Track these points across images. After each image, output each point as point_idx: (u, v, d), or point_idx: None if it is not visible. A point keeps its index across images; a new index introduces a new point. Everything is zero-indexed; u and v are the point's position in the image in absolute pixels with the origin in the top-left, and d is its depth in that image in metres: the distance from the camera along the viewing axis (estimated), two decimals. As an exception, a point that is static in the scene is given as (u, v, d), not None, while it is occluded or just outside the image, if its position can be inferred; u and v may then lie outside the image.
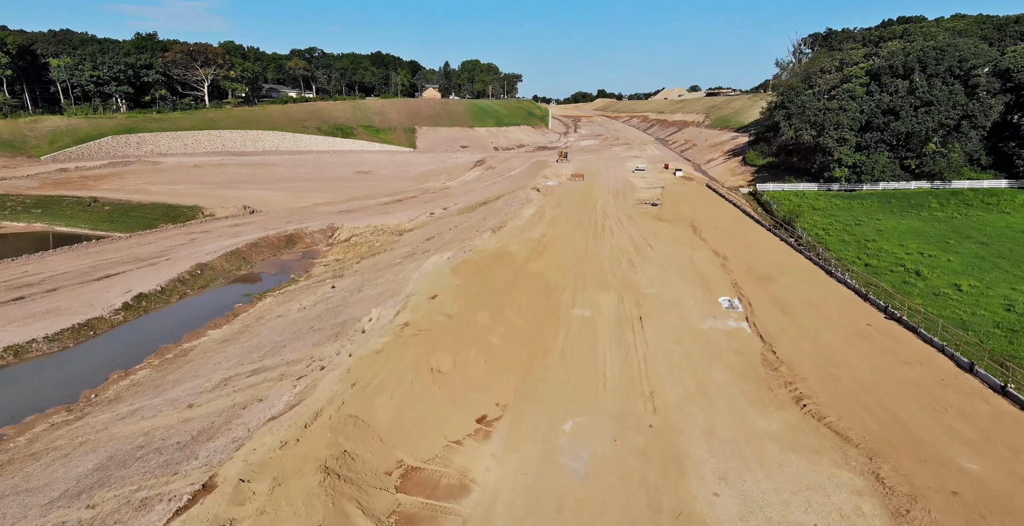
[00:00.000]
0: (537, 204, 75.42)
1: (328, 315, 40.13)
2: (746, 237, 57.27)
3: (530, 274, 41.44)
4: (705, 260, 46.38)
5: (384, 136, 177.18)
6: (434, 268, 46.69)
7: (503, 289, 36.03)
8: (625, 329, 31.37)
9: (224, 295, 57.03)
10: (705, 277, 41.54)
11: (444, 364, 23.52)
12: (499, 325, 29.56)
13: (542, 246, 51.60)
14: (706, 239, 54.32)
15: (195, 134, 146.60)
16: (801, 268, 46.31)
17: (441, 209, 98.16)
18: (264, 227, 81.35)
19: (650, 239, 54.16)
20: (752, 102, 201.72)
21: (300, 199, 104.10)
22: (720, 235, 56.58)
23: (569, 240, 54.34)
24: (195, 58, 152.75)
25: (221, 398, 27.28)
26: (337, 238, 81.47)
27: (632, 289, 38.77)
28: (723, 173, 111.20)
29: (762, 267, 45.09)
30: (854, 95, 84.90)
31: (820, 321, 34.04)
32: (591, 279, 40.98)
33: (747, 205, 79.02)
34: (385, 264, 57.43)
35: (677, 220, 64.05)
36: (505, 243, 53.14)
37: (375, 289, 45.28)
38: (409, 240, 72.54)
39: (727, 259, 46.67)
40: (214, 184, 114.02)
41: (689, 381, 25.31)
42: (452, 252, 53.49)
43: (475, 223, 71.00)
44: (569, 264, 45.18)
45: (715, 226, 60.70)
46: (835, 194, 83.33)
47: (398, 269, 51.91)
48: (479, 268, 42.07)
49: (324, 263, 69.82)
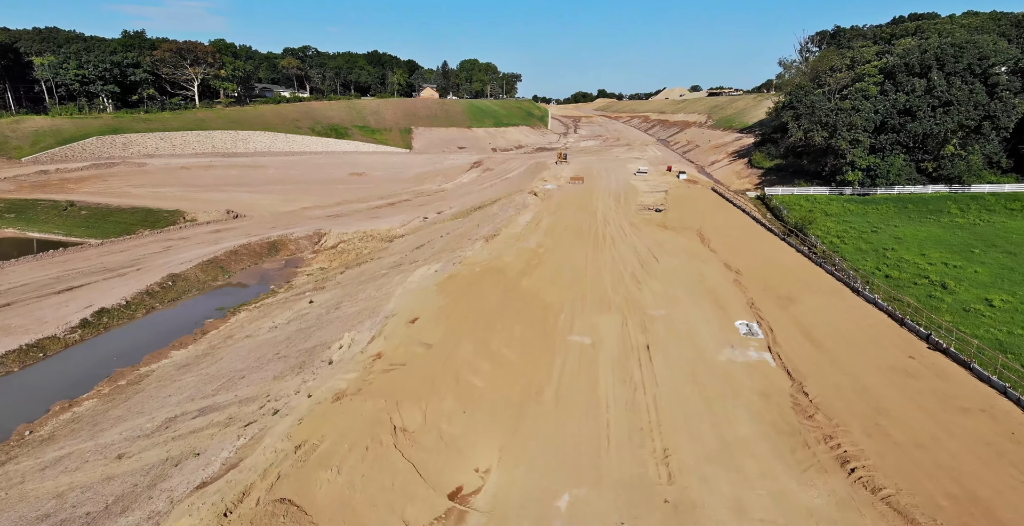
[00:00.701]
0: (534, 210, 71.32)
1: (298, 338, 36.04)
2: (759, 247, 53.12)
3: (523, 292, 37.37)
4: (716, 275, 42.26)
5: (379, 137, 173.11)
6: (419, 284, 42.61)
7: (492, 311, 31.98)
8: (631, 361, 27.22)
9: (196, 309, 52.92)
10: (718, 295, 37.41)
11: (412, 419, 19.33)
12: (484, 360, 25.52)
13: (538, 258, 47.50)
14: (716, 250, 50.18)
15: (184, 135, 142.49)
16: (823, 285, 41.99)
17: (435, 213, 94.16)
18: (247, 233, 77.28)
19: (655, 250, 50.06)
20: (756, 102, 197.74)
21: (288, 203, 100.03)
22: (730, 245, 52.44)
23: (567, 251, 50.24)
24: (184, 57, 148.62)
25: (156, 448, 23.20)
26: (323, 245, 77.40)
27: (637, 310, 34.66)
28: (728, 175, 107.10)
29: (780, 283, 40.90)
30: (867, 95, 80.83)
31: (854, 353, 29.72)
32: (591, 297, 36.92)
33: (756, 210, 74.92)
34: (369, 276, 53.35)
35: (683, 228, 59.92)
36: (498, 254, 49.03)
37: (354, 306, 41.19)
38: (398, 248, 68.47)
39: (740, 273, 42.54)
40: (201, 187, 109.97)
41: (709, 435, 21.04)
42: (441, 264, 49.42)
43: (468, 230, 66.91)
44: (567, 279, 41.10)
45: (724, 235, 56.55)
46: (848, 199, 79.22)
47: (382, 282, 47.85)
48: (467, 285, 38.00)
49: (307, 272, 65.74)
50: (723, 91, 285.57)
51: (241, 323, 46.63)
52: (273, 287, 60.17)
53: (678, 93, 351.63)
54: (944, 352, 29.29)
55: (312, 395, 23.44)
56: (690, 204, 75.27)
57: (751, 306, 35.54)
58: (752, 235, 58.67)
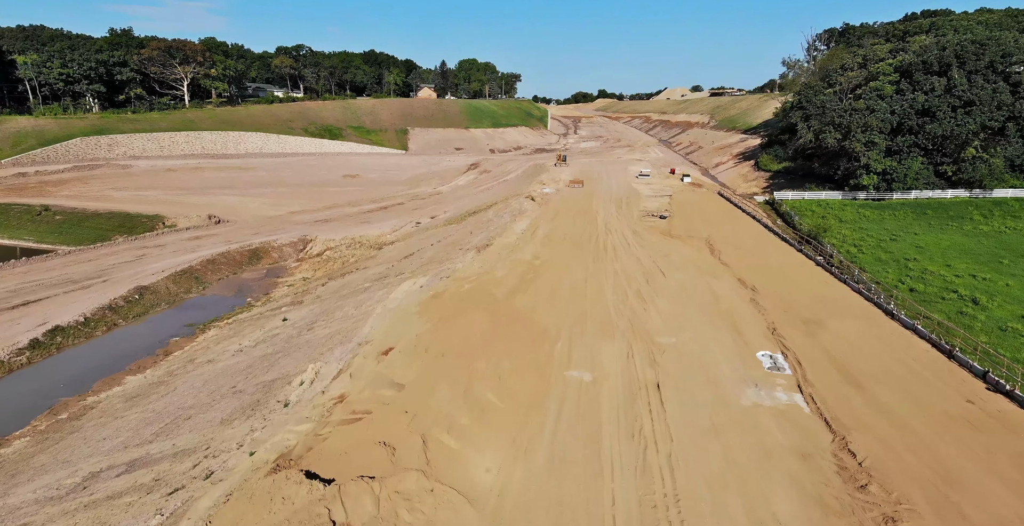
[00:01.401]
0: (531, 216, 67.21)
1: (261, 366, 31.93)
2: (774, 259, 48.85)
3: (515, 313, 33.26)
4: (730, 292, 38.07)
5: (374, 137, 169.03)
6: (401, 302, 38.51)
7: (478, 341, 27.87)
8: (639, 406, 22.83)
9: (163, 325, 48.81)
10: (734, 318, 33.20)
11: (360, 510, 15.05)
12: (463, 409, 21.38)
13: (533, 271, 43.38)
14: (727, 263, 46.00)
15: (172, 135, 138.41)
16: (851, 306, 37.47)
17: (428, 218, 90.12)
18: (227, 240, 73.20)
19: (661, 262, 45.92)
20: (760, 102, 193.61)
21: (276, 207, 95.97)
22: (743, 257, 48.21)
23: (566, 263, 46.11)
24: (173, 55, 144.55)
25: (63, 519, 19.07)
26: (308, 252, 73.33)
27: (644, 336, 30.50)
28: (734, 179, 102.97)
29: (801, 303, 36.61)
30: (883, 94, 76.73)
31: (901, 395, 25.28)
32: (592, 320, 32.79)
33: (766, 217, 70.79)
34: (351, 289, 49.24)
35: (690, 237, 55.76)
36: (490, 267, 44.91)
37: (328, 327, 37.07)
38: (387, 256, 64.38)
39: (757, 291, 38.37)
40: (186, 190, 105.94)
41: (740, 514, 16.25)
42: (427, 278, 45.33)
43: (460, 238, 62.83)
44: (565, 297, 36.99)
45: (735, 245, 52.35)
46: (862, 204, 75.05)
47: (363, 298, 43.74)
48: (453, 306, 33.89)
49: (289, 283, 61.66)
50: (725, 91, 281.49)
51: (207, 343, 42.52)
52: (250, 300, 56.09)
53: (679, 93, 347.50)
54: (1008, 395, 24.87)
55: (255, 453, 19.38)
56: (696, 210, 71.15)
57: (773, 332, 31.35)
58: (765, 245, 54.49)
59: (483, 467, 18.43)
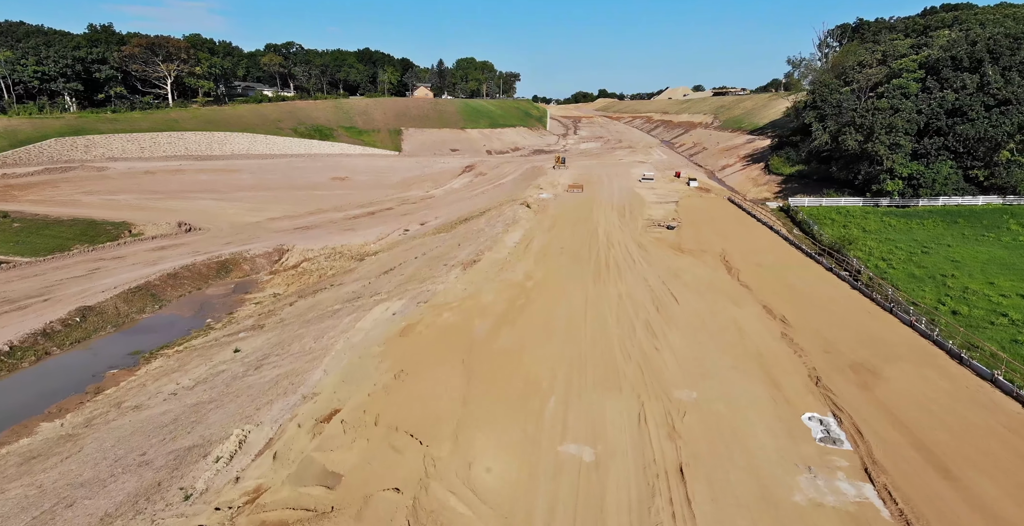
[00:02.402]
0: (525, 226, 61.27)
1: (185, 423, 26.01)
2: (799, 279, 42.76)
3: (499, 356, 27.37)
4: (756, 325, 32.06)
5: (367, 138, 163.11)
6: (366, 335, 32.60)
7: (445, 409, 21.69)
8: (658, 505, 16.67)
9: (103, 354, 42.88)
10: (766, 362, 27.13)
11: None
12: (414, 522, 15.57)
13: (524, 295, 37.44)
14: (747, 284, 40.01)
15: (154, 136, 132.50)
16: (905, 345, 30.54)
17: (418, 225, 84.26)
18: (196, 250, 67.28)
19: (672, 283, 39.98)
20: (765, 102, 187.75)
21: (256, 212, 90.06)
22: (764, 277, 42.21)
23: (562, 285, 40.15)
24: (156, 52, 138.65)
25: None
26: (284, 264, 67.42)
27: (657, 388, 24.43)
28: (743, 182, 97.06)
29: (843, 340, 30.41)
30: (907, 92, 70.74)
31: (1010, 489, 18.47)
32: (593, 364, 26.86)
33: (782, 226, 64.82)
34: (319, 312, 43.32)
35: (702, 251, 49.76)
36: (475, 290, 38.98)
37: (277, 367, 31.13)
38: (366, 270, 58.46)
39: (787, 323, 32.43)
40: (163, 194, 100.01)
41: None
42: (403, 302, 39.42)
43: (447, 251, 56.90)
44: (560, 331, 31.05)
45: (755, 262, 46.31)
46: (886, 211, 69.11)
47: (328, 326, 37.84)
48: (424, 346, 28.00)
49: (256, 300, 55.76)
50: (728, 91, 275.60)
51: (145, 380, 36.57)
52: (210, 321, 50.17)
53: (681, 93, 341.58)
54: None
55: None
56: (706, 219, 65.18)
57: (816, 382, 25.34)
58: (787, 261, 48.43)
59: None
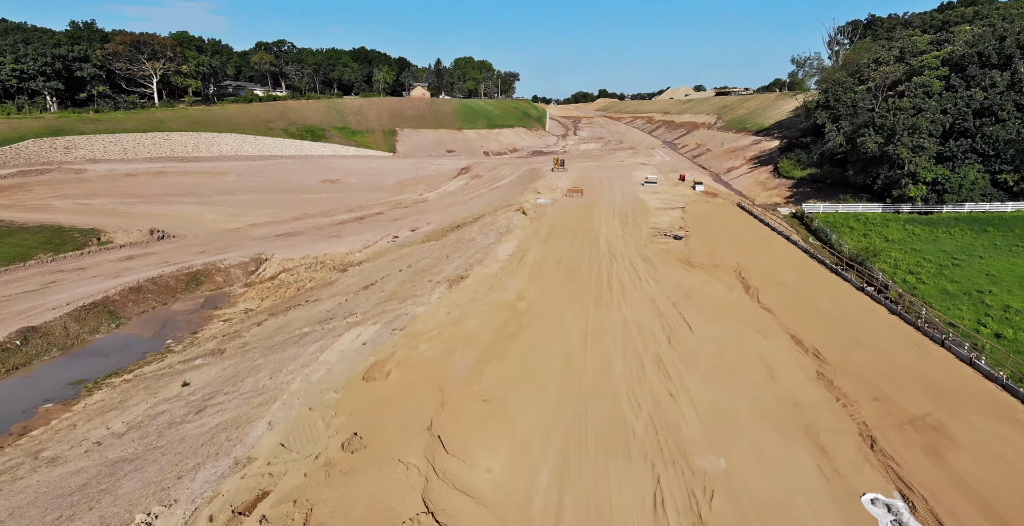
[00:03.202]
0: (520, 235, 56.48)
1: (93, 490, 21.27)
2: (830, 303, 37.51)
3: (480, 411, 22.56)
4: (787, 362, 27.07)
5: (360, 139, 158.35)
6: (331, 370, 27.84)
7: (403, 497, 16.75)
8: None
9: (42, 383, 38.08)
10: (805, 414, 21.95)
11: None
12: None
13: (515, 321, 32.67)
14: (770, 307, 35.18)
15: (138, 137, 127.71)
16: (964, 387, 25.36)
17: (408, 231, 79.54)
18: (166, 260, 62.52)
19: (684, 306, 35.19)
20: (770, 102, 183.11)
21: (237, 217, 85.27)
22: (788, 298, 37.33)
23: (559, 307, 35.37)
24: (141, 50, 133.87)
25: None
26: (261, 275, 62.64)
27: (676, 454, 19.32)
28: (751, 186, 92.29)
29: (895, 384, 24.90)
30: (930, 91, 65.95)
31: None
32: (595, 417, 21.83)
33: (798, 236, 60.03)
34: (285, 336, 38.55)
35: (715, 266, 44.92)
36: (460, 313, 34.20)
37: (220, 413, 26.37)
38: (346, 283, 53.68)
39: (822, 359, 27.58)
40: (141, 198, 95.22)
41: None
42: (379, 327, 34.65)
43: (433, 263, 52.11)
44: (555, 372, 26.19)
45: (775, 279, 41.43)
46: (908, 218, 64.36)
47: (290, 355, 33.08)
48: (388, 397, 23.24)
49: (225, 317, 50.97)
50: (731, 91, 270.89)
51: (77, 420, 31.78)
52: (170, 342, 45.38)
53: (683, 92, 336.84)
54: None
55: None
56: (716, 227, 60.37)
57: (872, 445, 20.27)
58: (811, 278, 43.45)
59: None
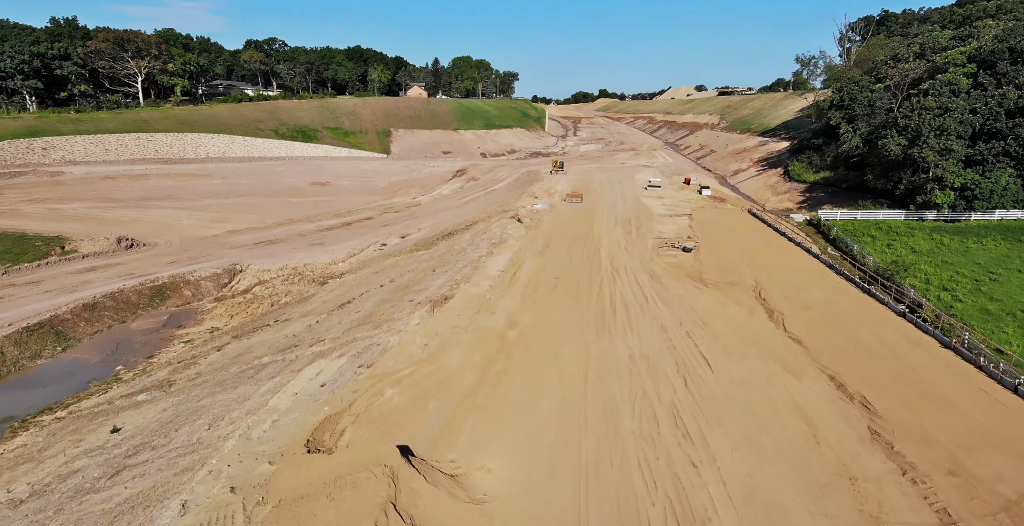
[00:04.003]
0: (514, 246, 51.64)
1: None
2: (868, 331, 31.85)
3: (442, 497, 17.78)
4: (830, 415, 21.79)
5: (353, 140, 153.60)
6: (275, 425, 23.09)
7: None
8: None
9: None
10: (866, 496, 16.53)
11: None
12: None
13: (504, 355, 27.87)
14: (800, 337, 30.25)
15: (121, 137, 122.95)
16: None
17: (398, 238, 74.86)
18: (130, 272, 57.76)
19: (700, 335, 30.39)
20: (775, 102, 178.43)
21: (215, 223, 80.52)
22: (819, 325, 32.27)
23: (555, 337, 30.56)
24: (125, 48, 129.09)
25: None
26: (234, 288, 57.86)
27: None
28: (761, 190, 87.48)
29: (973, 450, 19.21)
30: (957, 89, 61.14)
31: None
32: (598, 503, 17.09)
33: (815, 246, 55.18)
34: (242, 367, 33.74)
35: (730, 284, 40.07)
36: (439, 346, 29.38)
37: (135, 480, 21.59)
38: (321, 300, 48.86)
39: (873, 410, 22.52)
40: (118, 202, 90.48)
41: None
42: (344, 361, 29.84)
43: (418, 278, 47.29)
44: (550, 430, 21.16)
45: (800, 301, 36.51)
46: (934, 226, 59.54)
47: (239, 395, 28.30)
48: (331, 477, 18.40)
49: (188, 337, 46.17)
50: (734, 90, 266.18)
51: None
52: (120, 368, 40.58)
53: (685, 92, 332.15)
54: None
55: None
56: (727, 237, 55.56)
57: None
58: (840, 300, 38.40)
59: None
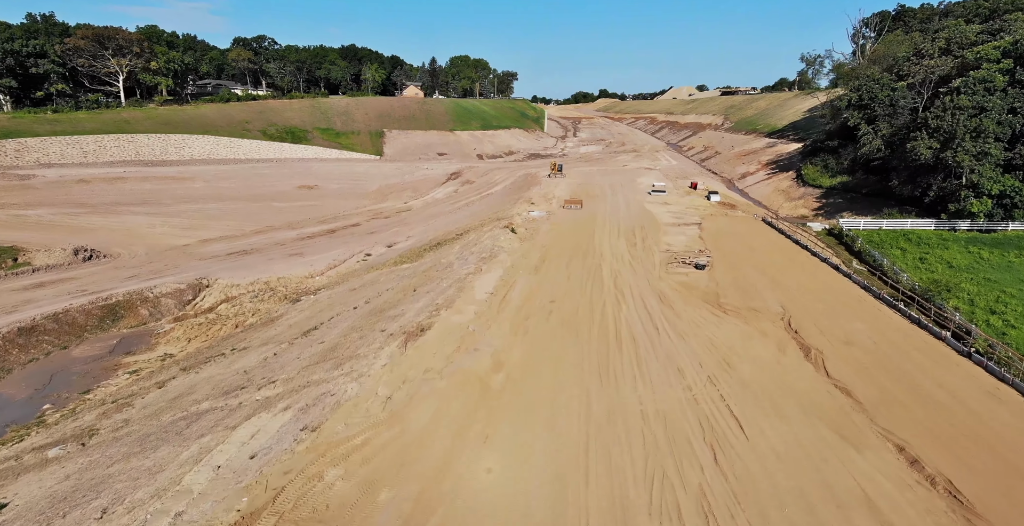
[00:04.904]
0: (505, 262, 46.18)
1: None
2: (931, 378, 26.43)
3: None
4: (909, 508, 16.37)
5: (345, 141, 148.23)
6: (186, 515, 17.63)
7: None
8: None
9: None
10: None
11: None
12: None
13: (484, 414, 22.46)
14: (848, 386, 24.58)
15: (100, 139, 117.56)
16: None
17: (384, 247, 69.50)
18: (82, 288, 52.35)
19: (726, 384, 24.93)
20: (781, 101, 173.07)
21: (189, 231, 75.10)
22: (870, 370, 26.39)
23: (548, 386, 25.11)
24: (104, 45, 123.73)
25: None
26: (198, 306, 52.46)
27: None
28: (772, 195, 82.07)
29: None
30: (992, 87, 55.69)
31: None
32: None
33: (841, 261, 49.70)
34: (174, 415, 28.32)
35: (753, 310, 34.60)
36: (406, 400, 23.96)
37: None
38: (287, 324, 43.42)
39: (966, 502, 17.35)
40: (89, 208, 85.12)
41: None
42: (288, 417, 24.43)
43: (397, 298, 41.85)
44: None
45: (841, 335, 30.93)
46: (969, 237, 54.13)
47: (155, 462, 22.93)
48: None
49: (135, 367, 40.77)
50: (737, 90, 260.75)
51: None
52: (48, 407, 35.21)
53: (687, 92, 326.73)
54: None
55: None
56: (743, 250, 50.11)
57: None
58: (887, 331, 32.56)
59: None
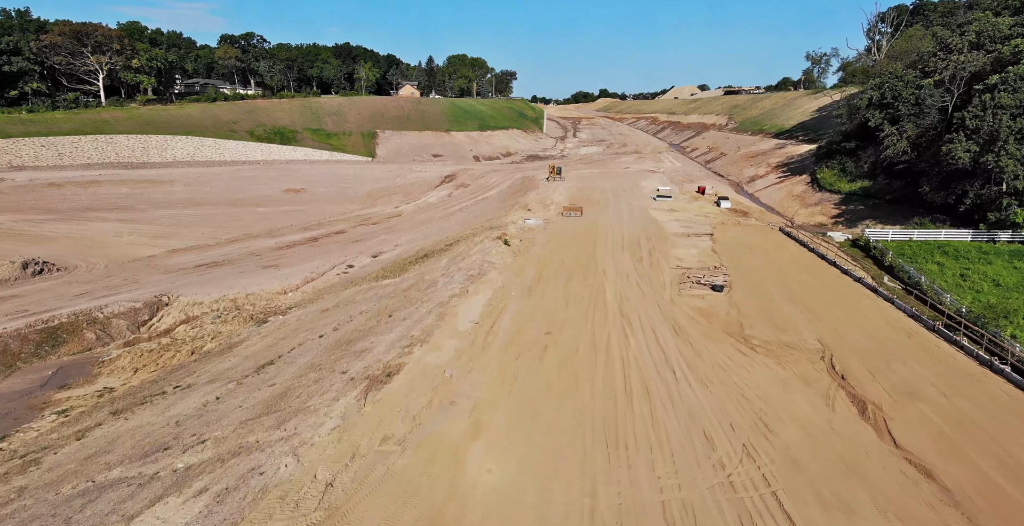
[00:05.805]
0: (496, 281, 40.68)
1: None
2: (1019, 444, 21.55)
3: None
4: None
5: (336, 142, 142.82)
6: None
7: None
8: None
9: None
10: None
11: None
12: None
13: (457, 508, 16.97)
14: (929, 466, 18.80)
15: (76, 140, 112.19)
16: None
17: (369, 257, 64.25)
18: (23, 309, 46.86)
19: (766, 457, 19.43)
20: (787, 101, 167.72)
21: (157, 241, 69.67)
22: (952, 438, 20.11)
23: (543, 460, 19.70)
24: (83, 42, 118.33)
25: None
26: (154, 327, 47.04)
27: None
28: (786, 201, 76.60)
29: None
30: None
31: None
32: None
33: (859, 269, 44.16)
34: (74, 487, 22.95)
35: (786, 346, 29.09)
36: (351, 487, 18.54)
37: None
38: (244, 354, 37.96)
39: None
40: (56, 214, 79.84)
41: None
42: (199, 509, 18.93)
43: (369, 325, 36.37)
44: None
45: (903, 385, 25.10)
46: (1012, 250, 48.63)
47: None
48: None
49: (65, 407, 35.34)
50: (741, 89, 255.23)
51: None
52: (-50, 460, 29.65)
53: (689, 92, 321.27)
54: None
55: None
56: (763, 267, 44.60)
57: None
58: (953, 379, 26.82)
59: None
